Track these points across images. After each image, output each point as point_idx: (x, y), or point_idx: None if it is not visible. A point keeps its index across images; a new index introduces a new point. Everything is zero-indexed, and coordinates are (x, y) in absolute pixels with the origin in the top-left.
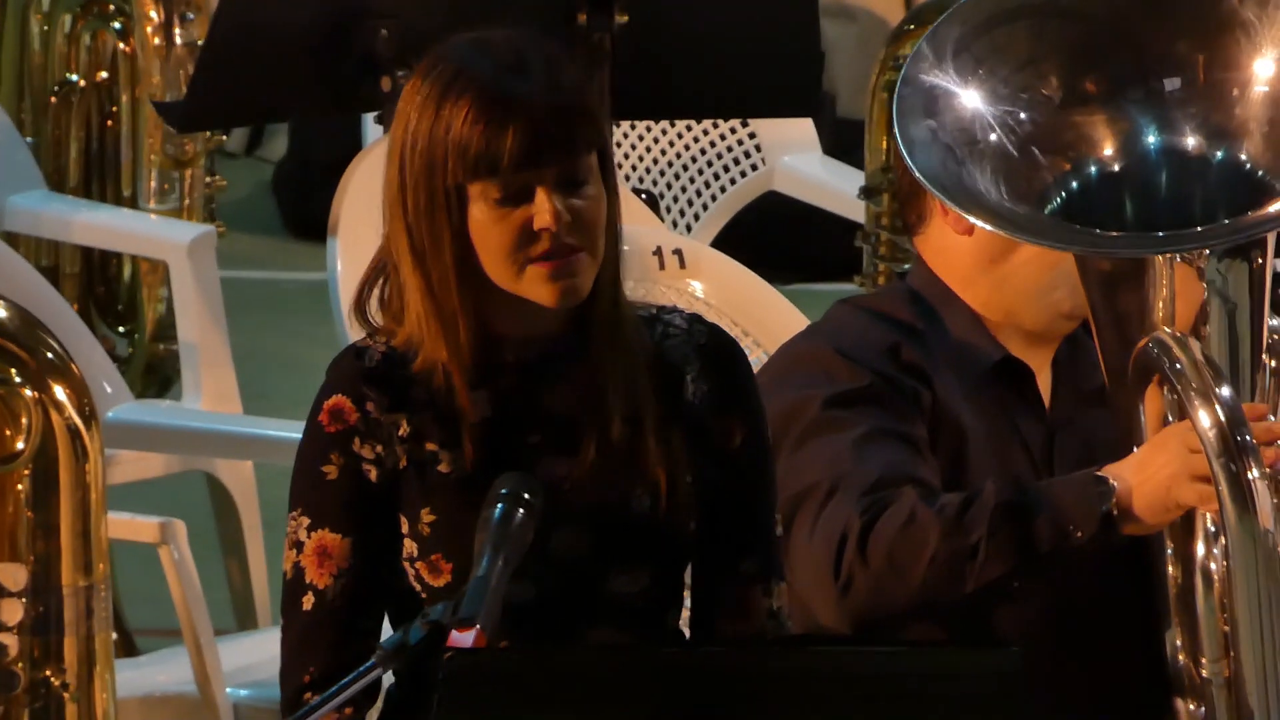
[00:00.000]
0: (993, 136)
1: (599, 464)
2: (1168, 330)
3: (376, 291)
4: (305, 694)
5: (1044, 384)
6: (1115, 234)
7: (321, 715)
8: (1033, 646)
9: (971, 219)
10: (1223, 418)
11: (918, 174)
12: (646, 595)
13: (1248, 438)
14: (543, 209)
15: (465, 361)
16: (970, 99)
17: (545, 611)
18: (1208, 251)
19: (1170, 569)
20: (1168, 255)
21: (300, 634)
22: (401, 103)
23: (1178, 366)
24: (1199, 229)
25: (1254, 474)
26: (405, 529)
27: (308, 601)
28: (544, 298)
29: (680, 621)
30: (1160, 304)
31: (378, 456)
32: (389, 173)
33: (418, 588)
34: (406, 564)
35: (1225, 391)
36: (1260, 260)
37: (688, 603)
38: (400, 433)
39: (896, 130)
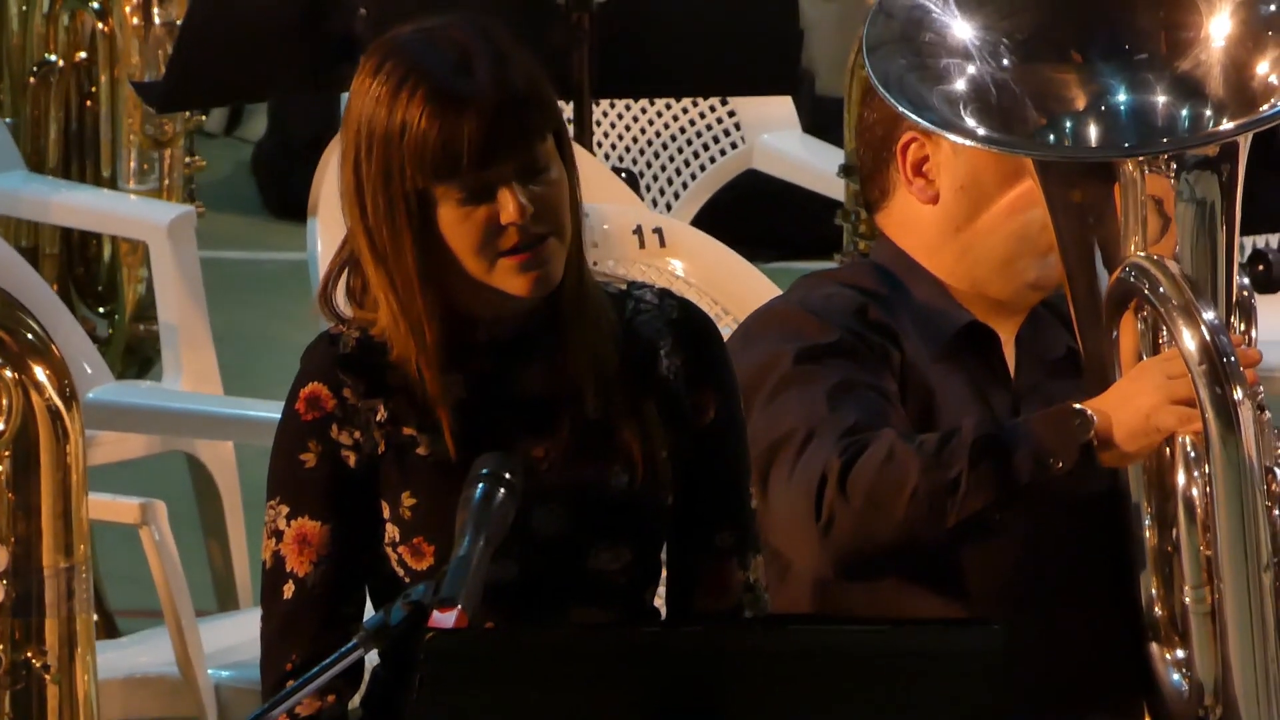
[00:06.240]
0: (971, 69)
1: (575, 441)
2: (1143, 254)
3: (343, 282)
4: (287, 681)
5: (1008, 355)
6: (1087, 145)
7: (303, 697)
8: (1007, 595)
9: (950, 136)
10: (1207, 336)
11: (888, 97)
12: (628, 572)
13: (1233, 358)
14: (507, 205)
15: (434, 357)
16: (953, 33)
17: (528, 590)
18: (1175, 168)
19: (1145, 507)
20: (1138, 163)
21: (281, 622)
22: (352, 99)
23: (1160, 289)
24: (1165, 140)
25: (1238, 394)
26: (386, 514)
27: (288, 590)
28: (516, 289)
29: (656, 597)
30: (1132, 243)
31: (356, 442)
32: (344, 174)
33: (400, 572)
34: (389, 549)
35: (1209, 314)
36: (1229, 175)
37: (664, 577)
38: (378, 418)
39: (867, 62)
